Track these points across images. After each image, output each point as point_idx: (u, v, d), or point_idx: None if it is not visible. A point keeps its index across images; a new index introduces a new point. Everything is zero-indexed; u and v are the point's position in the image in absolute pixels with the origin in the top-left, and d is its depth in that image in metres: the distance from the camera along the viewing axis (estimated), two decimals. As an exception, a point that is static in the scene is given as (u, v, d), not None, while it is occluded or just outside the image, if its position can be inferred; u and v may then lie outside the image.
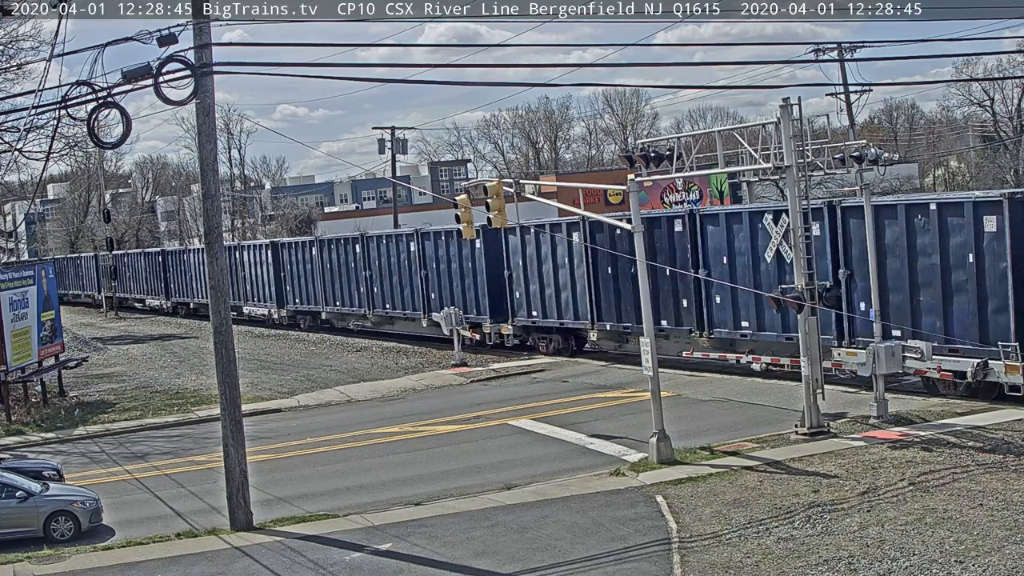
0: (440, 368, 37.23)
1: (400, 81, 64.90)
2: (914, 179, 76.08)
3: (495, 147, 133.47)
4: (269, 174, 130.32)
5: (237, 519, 19.19)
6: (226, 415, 19.42)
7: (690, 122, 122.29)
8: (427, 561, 16.50)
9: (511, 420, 27.29)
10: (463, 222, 27.04)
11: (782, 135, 22.32)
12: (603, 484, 20.26)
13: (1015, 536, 15.10)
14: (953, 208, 24.65)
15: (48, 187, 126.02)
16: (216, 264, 19.50)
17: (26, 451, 27.51)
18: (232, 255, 56.29)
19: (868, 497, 17.69)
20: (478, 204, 27.29)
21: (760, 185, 46.46)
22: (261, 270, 55.37)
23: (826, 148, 24.30)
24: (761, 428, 23.64)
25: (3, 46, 41.89)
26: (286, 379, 37.42)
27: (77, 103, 18.77)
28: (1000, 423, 22.09)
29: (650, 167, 24.57)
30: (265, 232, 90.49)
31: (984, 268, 23.87)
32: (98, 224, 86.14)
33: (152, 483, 23.49)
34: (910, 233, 25.30)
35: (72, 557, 18.08)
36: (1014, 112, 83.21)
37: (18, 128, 36.06)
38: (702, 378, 30.71)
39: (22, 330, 33.27)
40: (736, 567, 15.07)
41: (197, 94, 18.39)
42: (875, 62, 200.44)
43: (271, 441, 26.99)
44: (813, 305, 22.59)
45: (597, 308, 34.71)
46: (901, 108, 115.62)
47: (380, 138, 66.52)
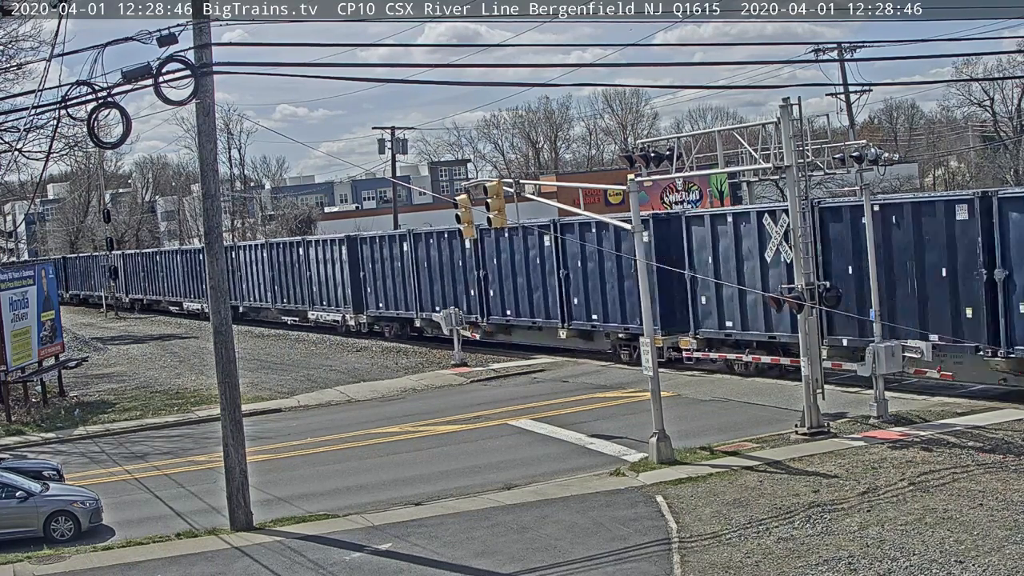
0: (440, 368, 37.22)
1: (400, 81, 65.07)
2: (914, 179, 76.08)
3: (495, 147, 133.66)
4: (269, 174, 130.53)
5: (237, 519, 19.19)
6: (226, 415, 19.42)
7: (690, 122, 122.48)
8: (427, 561, 16.50)
9: (511, 420, 27.28)
10: (463, 222, 27.04)
11: (782, 135, 22.32)
12: (603, 484, 20.25)
13: (1015, 536, 15.10)
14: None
15: (48, 187, 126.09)
16: (216, 264, 19.49)
17: (26, 451, 27.50)
18: (294, 251, 51.19)
19: (868, 497, 17.69)
20: (478, 204, 27.29)
21: (760, 185, 46.50)
22: (332, 269, 47.95)
23: (826, 148, 24.33)
24: (761, 428, 23.64)
25: (3, 46, 41.94)
26: (286, 379, 37.41)
27: (77, 103, 18.78)
28: (1000, 423, 22.09)
29: (650, 167, 24.57)
30: (265, 232, 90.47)
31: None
32: (98, 224, 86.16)
33: (152, 483, 23.48)
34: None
35: (72, 557, 18.08)
36: (1014, 112, 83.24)
37: (18, 128, 36.11)
38: (702, 378, 30.71)
39: (22, 330, 33.27)
40: (736, 567, 15.07)
41: (197, 94, 18.39)
42: (875, 62, 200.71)
43: (271, 441, 26.99)
44: (813, 305, 22.60)
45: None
46: (901, 108, 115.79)
47: (380, 138, 66.53)
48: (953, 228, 24.44)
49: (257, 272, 55.28)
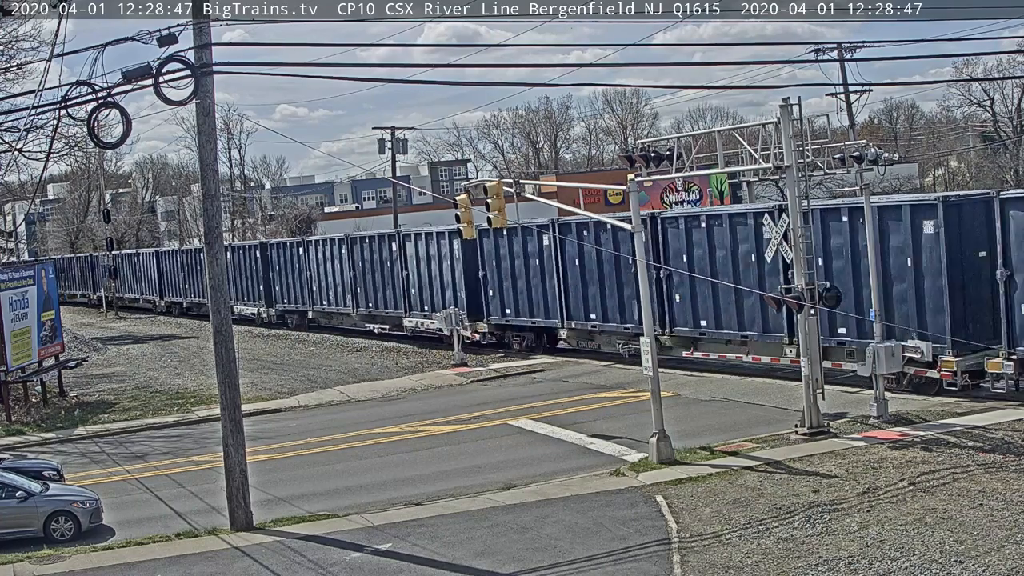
0: (440, 368, 37.21)
1: (400, 81, 65.01)
2: (914, 179, 76.12)
3: (495, 147, 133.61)
4: (269, 174, 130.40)
5: (237, 519, 19.19)
6: (226, 415, 19.43)
7: (690, 122, 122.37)
8: (427, 561, 16.50)
9: (511, 420, 27.28)
10: (463, 222, 27.04)
11: (782, 135, 22.32)
12: (603, 484, 20.25)
13: (1015, 536, 15.10)
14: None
15: (48, 187, 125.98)
16: (216, 264, 19.50)
17: (26, 451, 27.48)
18: (384, 247, 44.11)
19: (868, 497, 17.69)
20: (478, 204, 27.29)
21: (760, 185, 46.49)
22: (439, 268, 40.93)
23: (826, 148, 24.34)
24: (761, 428, 23.64)
25: (3, 46, 41.93)
26: (286, 379, 37.41)
27: (77, 103, 18.77)
28: (1000, 423, 22.09)
29: (650, 167, 24.58)
30: (265, 232, 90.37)
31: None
32: (98, 224, 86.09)
33: (152, 483, 23.48)
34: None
35: (72, 557, 18.08)
36: (1014, 112, 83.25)
37: (18, 128, 36.11)
38: (702, 378, 30.72)
39: (22, 330, 33.26)
40: (736, 567, 15.07)
41: (197, 94, 18.39)
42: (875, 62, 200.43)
43: (271, 441, 26.99)
44: (813, 305, 22.60)
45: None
46: (901, 108, 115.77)
47: (380, 138, 66.50)
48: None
49: (333, 271, 48.24)
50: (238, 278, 56.04)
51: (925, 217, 24.97)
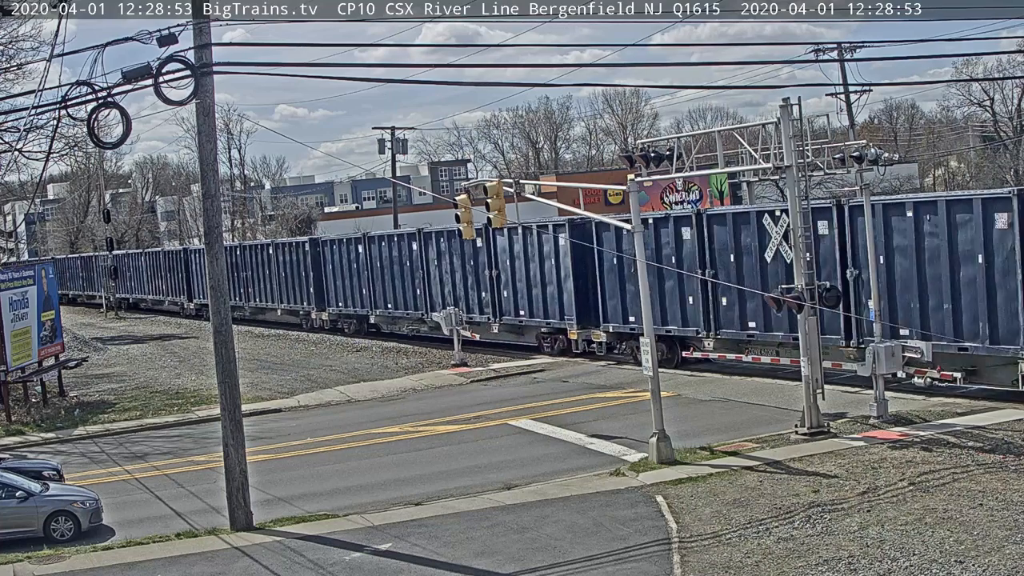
0: (440, 368, 37.22)
1: (399, 81, 64.91)
2: (914, 179, 76.08)
3: (495, 147, 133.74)
4: (269, 174, 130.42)
5: (237, 519, 19.19)
6: (226, 415, 19.43)
7: (690, 122, 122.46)
8: (427, 561, 16.50)
9: (511, 420, 27.28)
10: (463, 222, 27.05)
11: (782, 135, 22.33)
12: (603, 484, 20.25)
13: (1015, 536, 15.10)
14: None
15: (48, 187, 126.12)
16: (216, 264, 19.49)
17: (26, 451, 27.50)
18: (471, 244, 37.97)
19: (868, 497, 17.69)
20: (478, 204, 27.30)
21: (760, 185, 46.47)
22: (542, 268, 36.34)
23: (826, 148, 24.32)
24: (761, 428, 23.64)
25: (3, 46, 41.94)
26: (286, 379, 37.42)
27: (77, 103, 18.76)
28: (1000, 423, 22.10)
29: (650, 167, 24.58)
30: (265, 232, 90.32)
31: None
32: (98, 224, 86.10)
33: (152, 483, 23.49)
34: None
35: (72, 557, 18.07)
36: (1014, 112, 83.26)
37: (18, 128, 36.10)
38: (702, 378, 30.72)
39: (22, 330, 33.27)
40: (736, 567, 15.07)
41: (197, 94, 18.39)
42: (875, 62, 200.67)
43: (271, 441, 26.99)
44: (813, 305, 22.60)
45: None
46: (901, 108, 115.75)
47: (380, 138, 66.58)
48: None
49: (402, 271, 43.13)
50: (292, 279, 50.97)
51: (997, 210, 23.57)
